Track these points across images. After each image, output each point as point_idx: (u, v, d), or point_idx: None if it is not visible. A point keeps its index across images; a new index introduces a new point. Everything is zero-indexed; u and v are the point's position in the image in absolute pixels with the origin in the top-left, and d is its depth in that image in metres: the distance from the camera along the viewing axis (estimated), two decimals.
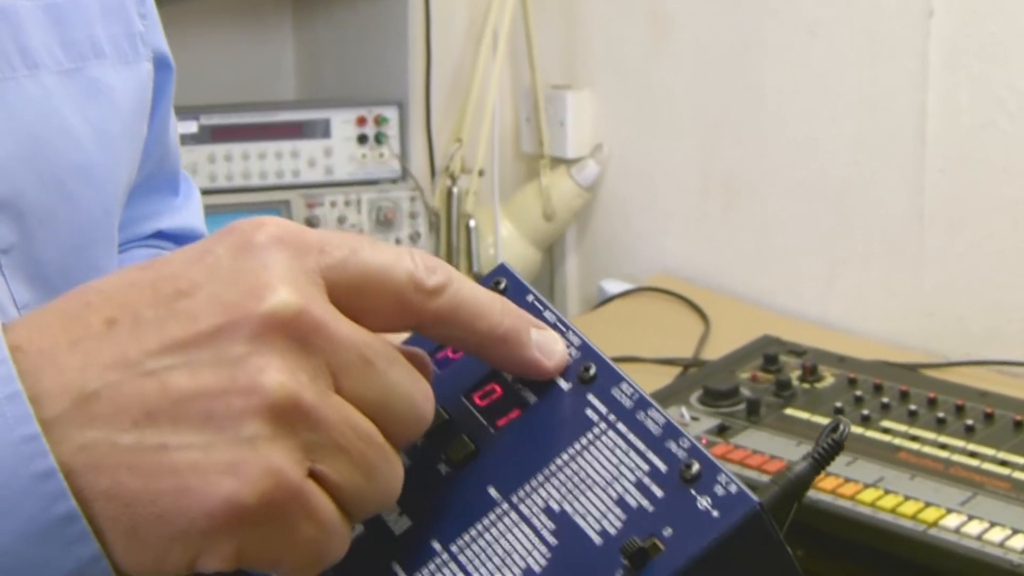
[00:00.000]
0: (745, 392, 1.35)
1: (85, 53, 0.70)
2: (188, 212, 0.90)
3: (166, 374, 0.43)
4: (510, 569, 0.47)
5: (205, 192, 1.90)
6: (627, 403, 0.49)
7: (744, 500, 0.45)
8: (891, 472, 1.17)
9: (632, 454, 0.48)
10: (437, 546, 0.49)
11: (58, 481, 0.42)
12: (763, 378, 1.39)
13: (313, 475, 0.44)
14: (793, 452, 1.22)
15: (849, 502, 1.12)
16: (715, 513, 0.45)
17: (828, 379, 1.38)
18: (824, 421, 1.28)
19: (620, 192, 1.97)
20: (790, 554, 0.47)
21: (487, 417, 0.51)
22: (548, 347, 0.50)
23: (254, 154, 1.86)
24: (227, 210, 1.82)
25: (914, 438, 1.23)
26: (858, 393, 1.33)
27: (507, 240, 1.97)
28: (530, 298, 0.53)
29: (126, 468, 0.42)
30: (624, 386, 0.50)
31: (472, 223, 1.94)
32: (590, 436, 0.49)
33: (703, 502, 0.46)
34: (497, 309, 0.49)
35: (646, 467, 0.47)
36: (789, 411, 1.32)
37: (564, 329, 0.52)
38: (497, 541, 0.48)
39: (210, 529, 0.42)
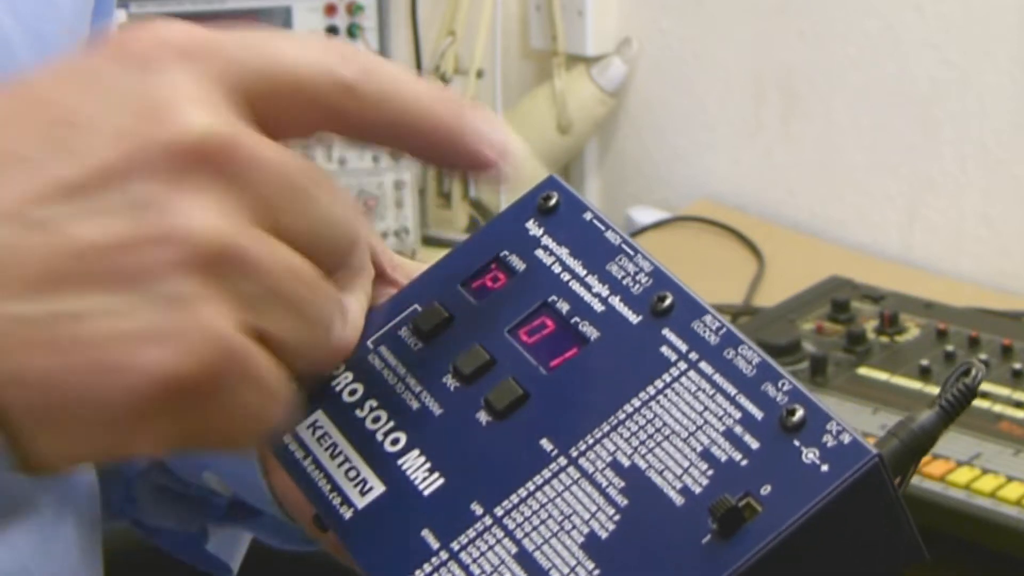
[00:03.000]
0: (809, 347, 1.35)
1: None
2: None
3: (59, 224, 0.41)
4: (569, 535, 0.47)
5: None
6: (712, 339, 0.50)
7: (859, 451, 0.45)
8: (990, 447, 1.17)
9: (719, 398, 0.48)
10: (477, 509, 0.49)
11: None
12: (831, 329, 1.39)
13: (254, 332, 0.43)
14: (868, 421, 1.22)
15: (938, 484, 1.12)
16: (824, 467, 0.45)
17: (912, 331, 1.38)
18: (905, 382, 1.28)
19: (653, 98, 1.95)
20: (910, 521, 0.47)
21: (537, 357, 0.52)
22: (488, 135, 0.50)
23: None
24: None
25: (1019, 404, 1.23)
26: (949, 348, 1.33)
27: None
28: (588, 216, 0.54)
29: (34, 344, 0.41)
30: (708, 319, 0.50)
31: None
32: (666, 378, 0.49)
33: (809, 454, 0.46)
34: (431, 97, 0.49)
35: (737, 414, 0.48)
36: (863, 371, 1.32)
37: (632, 253, 0.52)
38: (552, 502, 0.48)
39: (142, 409, 0.42)
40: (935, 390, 1.25)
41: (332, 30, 1.87)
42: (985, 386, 1.26)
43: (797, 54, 1.79)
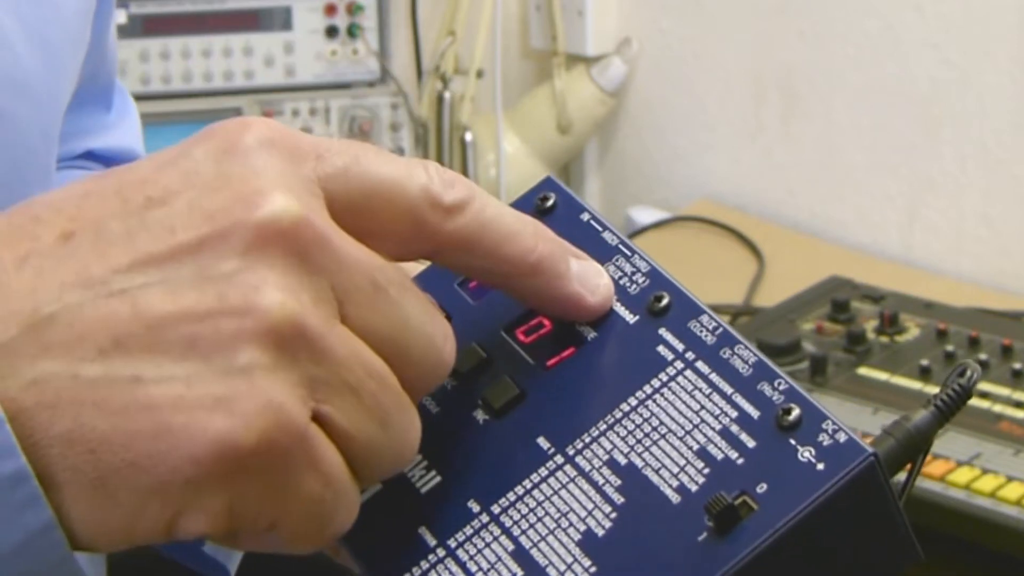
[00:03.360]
0: (809, 347, 1.35)
1: None
2: (123, 131, 0.90)
3: (139, 294, 0.43)
4: (566, 533, 0.48)
5: (137, 98, 1.89)
6: (708, 339, 0.50)
7: (855, 450, 0.46)
8: (990, 447, 1.16)
9: (716, 397, 0.49)
10: (475, 506, 0.49)
11: (2, 430, 0.41)
12: (831, 329, 1.39)
13: (317, 418, 0.44)
14: (868, 421, 1.22)
15: (938, 484, 1.12)
16: (820, 466, 0.46)
17: (912, 331, 1.38)
18: (906, 383, 1.28)
19: (652, 98, 1.95)
20: (906, 520, 0.48)
21: (534, 356, 0.52)
22: (590, 280, 0.51)
23: (197, 51, 1.85)
24: (164, 120, 1.81)
25: (1019, 404, 1.23)
26: (949, 348, 1.33)
27: (513, 157, 1.96)
28: (585, 217, 0.54)
29: (91, 405, 0.42)
30: (704, 319, 0.50)
31: (468, 136, 1.93)
32: (663, 377, 0.50)
33: (805, 453, 0.46)
34: (530, 232, 0.49)
35: (733, 413, 0.48)
36: (863, 371, 1.31)
37: (629, 253, 0.53)
38: (549, 500, 0.49)
39: (196, 478, 0.42)
40: (935, 390, 1.25)
41: (332, 30, 1.87)
42: (985, 386, 1.26)
43: (797, 54, 1.79)
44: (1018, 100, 1.59)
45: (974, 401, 1.22)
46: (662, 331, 0.51)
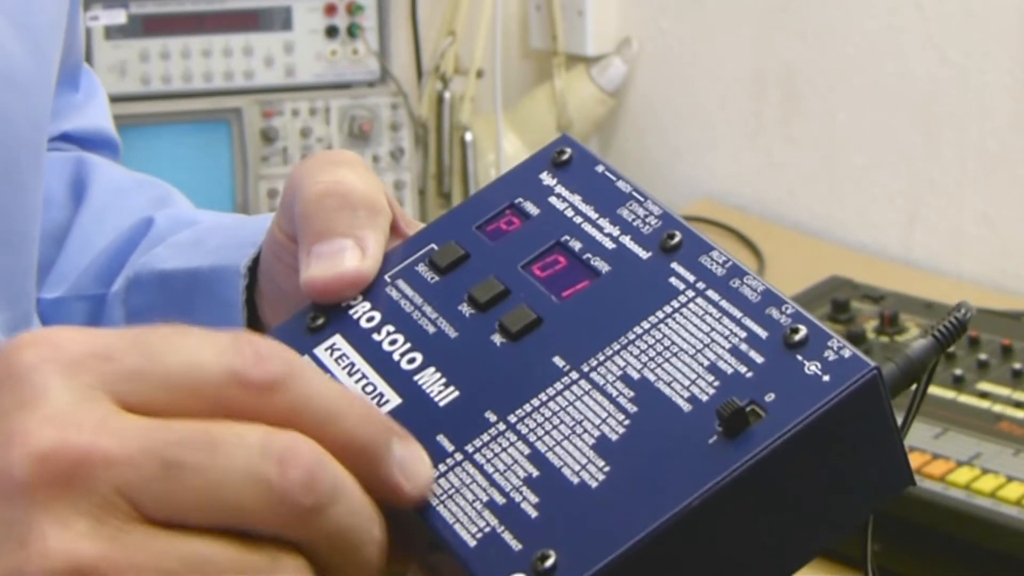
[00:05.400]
0: None
1: None
2: (93, 111, 0.91)
3: None
4: (580, 438, 0.50)
5: (137, 98, 1.89)
6: (719, 271, 0.53)
7: (859, 364, 0.48)
8: (990, 447, 1.16)
9: (725, 320, 0.51)
10: (491, 416, 0.52)
11: None
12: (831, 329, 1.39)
13: None
14: None
15: (938, 484, 1.11)
16: (826, 378, 0.48)
17: (912, 331, 1.38)
18: None
19: (653, 98, 1.95)
20: (903, 444, 0.50)
21: (550, 288, 0.55)
22: (412, 468, 0.48)
23: (197, 51, 1.85)
24: (164, 120, 1.81)
25: (1019, 404, 1.23)
26: (949, 348, 1.32)
27: (512, 157, 1.96)
28: (600, 168, 0.58)
29: None
30: (715, 254, 0.53)
31: (468, 136, 1.93)
32: (675, 304, 0.52)
33: (811, 367, 0.48)
34: (355, 413, 0.47)
35: (743, 333, 0.50)
36: None
37: (642, 199, 0.56)
38: (564, 410, 0.51)
39: None
40: (935, 390, 1.25)
41: (332, 30, 1.87)
42: (985, 386, 1.26)
43: (797, 54, 1.79)
44: (1018, 100, 1.59)
45: (975, 401, 1.23)
46: (674, 264, 0.53)
